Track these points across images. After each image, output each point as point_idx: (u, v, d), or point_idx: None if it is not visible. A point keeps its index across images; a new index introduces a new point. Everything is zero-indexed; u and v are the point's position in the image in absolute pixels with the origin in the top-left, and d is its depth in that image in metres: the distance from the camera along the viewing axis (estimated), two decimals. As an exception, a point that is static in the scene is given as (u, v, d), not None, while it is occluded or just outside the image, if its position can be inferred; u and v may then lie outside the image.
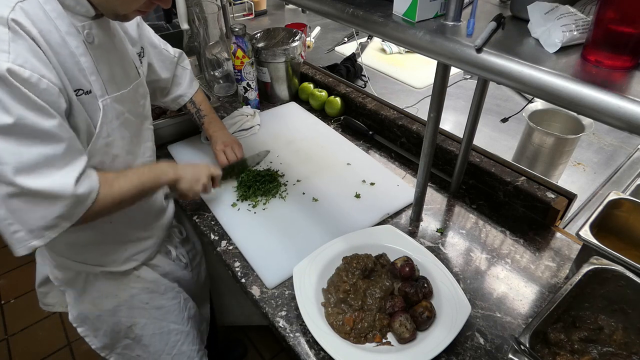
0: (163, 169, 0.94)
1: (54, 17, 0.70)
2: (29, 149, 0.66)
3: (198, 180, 1.00)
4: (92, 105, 0.78)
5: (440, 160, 1.25)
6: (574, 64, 0.53)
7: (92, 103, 0.77)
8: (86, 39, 0.75)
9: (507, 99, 1.59)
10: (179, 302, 1.10)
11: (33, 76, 0.64)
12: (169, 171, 0.95)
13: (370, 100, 1.44)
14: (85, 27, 0.75)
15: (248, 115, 1.40)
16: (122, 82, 0.85)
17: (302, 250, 0.99)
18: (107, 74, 0.80)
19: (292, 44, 1.48)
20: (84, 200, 0.73)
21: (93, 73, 0.77)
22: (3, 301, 2.12)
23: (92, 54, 0.76)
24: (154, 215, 1.04)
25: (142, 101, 0.95)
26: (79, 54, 0.73)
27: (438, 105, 0.86)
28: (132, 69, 0.91)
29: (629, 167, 1.29)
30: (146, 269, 1.04)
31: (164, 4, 0.76)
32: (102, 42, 0.79)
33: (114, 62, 0.83)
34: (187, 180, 0.98)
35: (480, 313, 0.87)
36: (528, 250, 1.00)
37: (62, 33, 0.71)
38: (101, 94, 0.79)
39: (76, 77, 0.74)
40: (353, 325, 0.83)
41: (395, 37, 0.69)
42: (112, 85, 0.82)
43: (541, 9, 0.58)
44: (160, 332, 1.06)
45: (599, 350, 0.77)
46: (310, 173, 1.24)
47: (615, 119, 0.47)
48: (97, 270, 0.96)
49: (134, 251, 0.99)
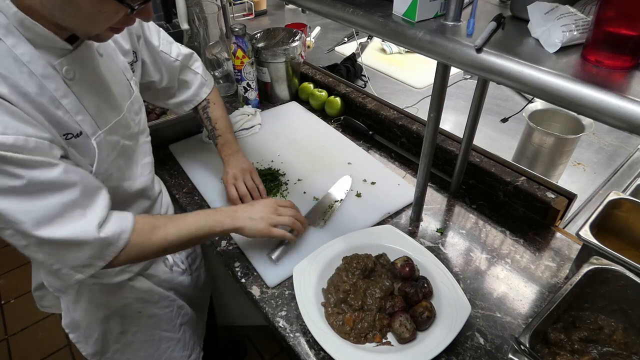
0: (219, 219, 0.87)
1: (27, 61, 0.63)
2: (42, 202, 0.64)
3: (261, 219, 0.90)
4: (85, 146, 0.73)
5: (440, 160, 1.25)
6: (574, 64, 0.53)
7: (84, 144, 0.73)
8: (65, 77, 0.69)
9: (507, 99, 1.59)
10: (172, 310, 1.09)
11: (18, 139, 0.60)
12: (225, 221, 0.87)
13: (370, 100, 1.44)
14: (63, 64, 0.68)
15: (249, 114, 1.40)
16: (113, 109, 0.80)
17: (302, 250, 0.99)
18: (96, 107, 0.75)
19: (292, 44, 1.48)
20: (113, 242, 0.72)
21: (79, 112, 0.71)
22: (3, 301, 2.12)
23: (75, 91, 0.71)
24: None
25: (137, 118, 0.89)
26: (59, 97, 0.68)
27: (438, 105, 0.86)
28: (123, 87, 0.85)
29: (629, 167, 1.29)
30: (141, 279, 1.00)
31: (144, 18, 0.69)
32: (84, 74, 0.73)
33: (101, 90, 0.78)
34: (249, 227, 0.89)
35: (480, 313, 0.87)
36: (528, 250, 1.00)
37: (38, 78, 0.65)
38: (93, 132, 0.74)
39: (61, 122, 0.68)
40: (353, 325, 0.83)
41: (395, 37, 0.69)
42: (102, 117, 0.77)
43: (541, 9, 0.58)
44: (151, 339, 1.05)
45: (599, 350, 0.77)
46: (311, 172, 1.24)
47: (615, 119, 0.47)
48: (90, 282, 0.93)
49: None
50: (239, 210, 0.91)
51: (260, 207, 0.93)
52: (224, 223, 0.87)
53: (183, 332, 1.13)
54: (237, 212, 0.90)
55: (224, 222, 0.88)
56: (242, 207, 0.94)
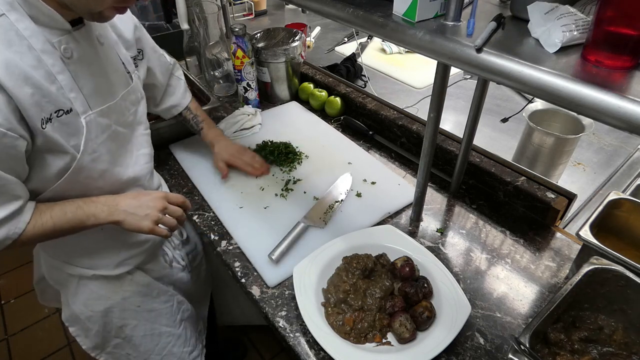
0: (93, 211, 0.82)
1: (28, 36, 0.67)
2: None
3: (146, 216, 0.85)
4: (74, 124, 0.75)
5: (440, 160, 1.25)
6: (574, 64, 0.53)
7: (73, 122, 0.75)
8: (63, 55, 0.72)
9: (507, 99, 1.59)
10: (172, 305, 1.10)
11: None
12: (100, 215, 0.82)
13: (370, 100, 1.44)
14: (62, 42, 0.72)
15: (249, 114, 1.40)
16: (108, 93, 0.83)
17: (302, 250, 0.99)
18: (90, 88, 0.78)
19: (292, 44, 1.48)
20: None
21: (73, 90, 0.74)
22: (3, 301, 2.12)
23: (71, 70, 0.73)
24: None
25: (133, 109, 0.91)
26: (55, 72, 0.71)
27: (438, 105, 0.86)
28: (121, 77, 0.87)
29: (629, 167, 1.29)
30: (140, 273, 1.02)
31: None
32: (82, 55, 0.76)
33: (98, 74, 0.80)
34: (129, 222, 0.84)
35: (480, 313, 0.87)
36: (528, 250, 1.00)
37: (37, 52, 0.68)
38: (83, 110, 0.76)
39: (54, 97, 0.71)
40: (353, 325, 0.83)
41: (395, 37, 0.69)
42: (96, 99, 0.79)
43: (541, 9, 0.58)
44: (151, 333, 1.06)
45: (599, 350, 0.77)
46: (311, 172, 1.24)
47: (615, 119, 0.47)
48: (89, 274, 0.95)
49: (127, 255, 0.97)
50: (121, 203, 0.85)
51: (146, 201, 0.86)
52: (98, 217, 0.82)
53: (184, 328, 1.13)
54: (118, 204, 0.84)
55: (99, 216, 0.82)
56: (125, 198, 0.86)
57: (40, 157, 0.74)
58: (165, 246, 1.09)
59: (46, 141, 0.72)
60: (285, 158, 1.27)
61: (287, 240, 0.99)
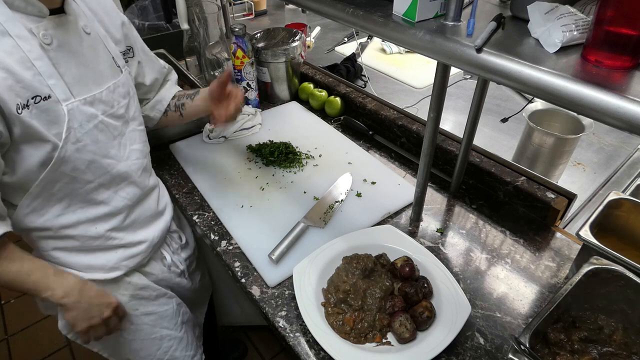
0: (55, 287, 0.82)
1: (3, 21, 0.67)
2: None
3: (89, 319, 0.86)
4: (55, 112, 0.74)
5: (440, 160, 1.25)
6: (574, 64, 0.53)
7: (54, 109, 0.73)
8: (42, 41, 0.71)
9: (507, 99, 1.59)
10: (172, 307, 1.08)
11: None
12: (56, 292, 0.82)
13: (370, 100, 1.44)
14: (40, 28, 0.71)
15: (249, 114, 1.40)
16: (93, 83, 0.81)
17: (302, 250, 0.99)
18: (73, 76, 0.76)
19: (292, 44, 1.48)
20: None
21: (52, 76, 0.72)
22: (3, 301, 2.12)
23: (51, 56, 0.73)
24: (148, 219, 0.99)
25: (123, 102, 0.89)
26: (32, 58, 0.69)
27: (438, 105, 0.86)
28: (109, 68, 0.86)
29: (629, 167, 1.29)
30: (137, 275, 1.00)
31: None
32: (64, 43, 0.75)
33: (83, 63, 0.79)
34: (72, 316, 0.85)
35: (480, 313, 0.87)
36: (528, 250, 1.00)
37: (12, 37, 0.67)
38: (65, 98, 0.75)
39: (29, 83, 0.69)
40: (353, 325, 0.83)
41: (395, 37, 0.69)
42: (80, 87, 0.78)
43: (541, 9, 0.58)
44: (152, 337, 1.04)
45: (599, 350, 0.77)
46: (311, 172, 1.24)
47: (615, 119, 0.47)
48: (85, 277, 0.91)
49: (123, 256, 0.95)
50: (84, 294, 0.86)
51: (100, 306, 0.88)
52: (54, 294, 0.82)
53: (185, 331, 1.12)
54: (81, 293, 0.85)
55: (55, 294, 0.82)
56: (90, 290, 0.88)
57: (20, 148, 0.73)
58: (164, 249, 1.08)
59: (24, 129, 0.71)
60: (285, 158, 1.27)
61: (287, 240, 0.99)
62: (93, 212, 0.87)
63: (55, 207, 0.83)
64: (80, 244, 0.90)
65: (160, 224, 1.03)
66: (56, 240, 0.87)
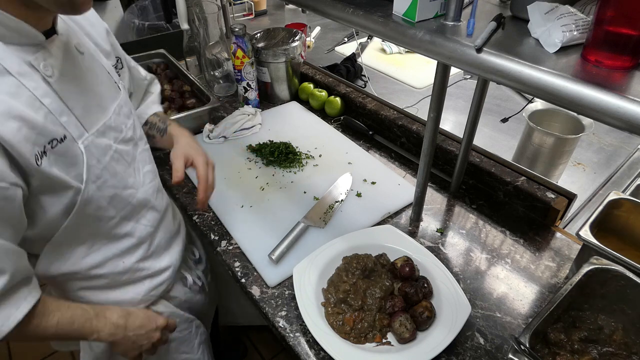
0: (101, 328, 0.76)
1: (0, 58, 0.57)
2: None
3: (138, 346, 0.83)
4: (71, 152, 0.65)
5: (440, 160, 1.25)
6: (574, 64, 0.53)
7: (71, 149, 0.65)
8: (45, 74, 0.62)
9: (507, 99, 1.59)
10: (191, 331, 1.04)
11: None
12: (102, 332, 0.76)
13: (370, 100, 1.44)
14: (39, 59, 0.61)
15: (249, 114, 1.40)
16: (100, 110, 0.73)
17: (302, 250, 0.99)
18: (81, 107, 0.68)
19: (292, 44, 1.48)
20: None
21: (63, 113, 0.64)
22: (3, 301, 2.12)
23: (57, 90, 0.63)
24: (169, 241, 0.94)
25: (129, 123, 0.82)
26: (40, 96, 0.60)
27: (438, 105, 0.86)
28: (110, 87, 0.78)
29: (629, 167, 1.29)
30: (164, 303, 0.95)
31: None
32: (63, 70, 0.65)
33: (85, 89, 0.70)
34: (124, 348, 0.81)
35: (480, 313, 0.87)
36: (528, 250, 1.00)
37: (14, 76, 0.57)
38: (79, 134, 0.67)
39: (44, 126, 0.61)
40: (353, 325, 0.83)
41: (395, 37, 0.69)
42: (89, 117, 0.69)
43: (541, 9, 0.58)
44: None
45: (599, 350, 0.77)
46: (311, 172, 1.24)
47: (615, 119, 0.47)
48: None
49: (150, 286, 0.90)
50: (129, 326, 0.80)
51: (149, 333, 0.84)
52: (101, 335, 0.76)
53: (202, 351, 1.09)
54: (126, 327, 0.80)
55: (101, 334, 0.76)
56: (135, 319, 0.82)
57: (39, 199, 0.64)
58: (184, 270, 1.03)
59: (44, 180, 0.62)
60: (285, 158, 1.27)
61: (287, 240, 0.99)
62: (119, 247, 0.82)
63: (79, 250, 0.77)
64: (109, 281, 0.84)
65: (179, 243, 0.99)
66: (83, 281, 0.81)
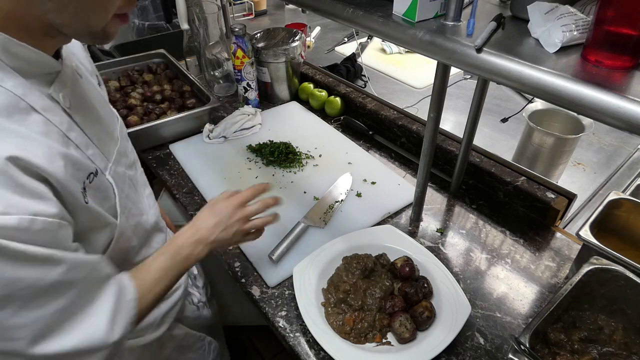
0: (181, 248, 0.71)
1: (22, 94, 0.50)
2: (37, 312, 0.50)
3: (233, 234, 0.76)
4: (104, 185, 0.62)
5: (440, 160, 1.25)
6: (574, 64, 0.53)
7: (102, 183, 0.62)
8: (64, 105, 0.57)
9: (507, 99, 1.59)
10: (204, 349, 1.03)
11: (23, 220, 0.45)
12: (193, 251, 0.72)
13: (370, 100, 1.44)
14: (57, 90, 0.56)
15: (249, 114, 1.40)
16: (109, 137, 0.69)
17: (302, 250, 0.99)
18: (98, 137, 0.64)
19: (292, 44, 1.48)
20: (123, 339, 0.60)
21: (88, 145, 0.60)
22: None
23: (78, 121, 0.60)
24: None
25: (129, 145, 0.78)
26: (65, 130, 0.56)
27: (438, 105, 0.86)
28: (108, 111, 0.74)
29: (629, 167, 1.29)
30: (178, 325, 0.92)
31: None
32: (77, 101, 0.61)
33: (96, 118, 0.66)
34: (220, 239, 0.75)
35: (480, 313, 0.87)
36: (528, 250, 1.00)
37: (40, 113, 0.52)
38: (104, 166, 0.63)
39: (78, 162, 0.57)
40: (353, 325, 0.83)
41: (395, 37, 0.69)
42: (106, 148, 0.66)
43: (541, 9, 0.58)
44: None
45: (599, 350, 0.77)
46: (311, 172, 1.24)
47: (615, 119, 0.47)
48: (135, 345, 0.81)
49: (165, 309, 0.86)
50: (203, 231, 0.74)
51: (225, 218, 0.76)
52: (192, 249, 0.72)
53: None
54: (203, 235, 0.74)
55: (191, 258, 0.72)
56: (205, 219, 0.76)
57: (86, 238, 0.60)
58: (189, 287, 1.01)
59: (90, 217, 0.59)
60: (285, 158, 1.27)
61: (287, 240, 0.99)
62: None
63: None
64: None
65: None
66: None
